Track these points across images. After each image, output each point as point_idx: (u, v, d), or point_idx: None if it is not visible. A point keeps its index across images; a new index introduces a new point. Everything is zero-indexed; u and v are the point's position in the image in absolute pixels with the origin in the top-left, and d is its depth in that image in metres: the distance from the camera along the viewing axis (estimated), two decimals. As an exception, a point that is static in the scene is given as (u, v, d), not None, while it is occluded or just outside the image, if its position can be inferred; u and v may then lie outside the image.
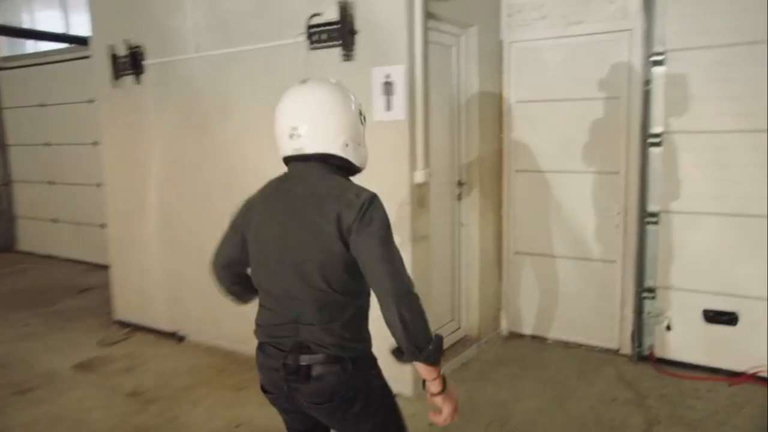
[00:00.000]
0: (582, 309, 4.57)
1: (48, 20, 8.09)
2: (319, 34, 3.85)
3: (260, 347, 1.90)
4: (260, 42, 4.15)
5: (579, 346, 4.58)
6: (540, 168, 4.61)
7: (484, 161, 4.56)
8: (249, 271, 1.96)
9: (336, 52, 3.79)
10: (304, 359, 1.77)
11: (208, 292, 4.58)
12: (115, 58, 4.98)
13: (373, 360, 1.87)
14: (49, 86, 8.01)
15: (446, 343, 4.19)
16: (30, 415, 3.72)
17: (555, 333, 4.71)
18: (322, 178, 1.78)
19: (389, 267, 1.65)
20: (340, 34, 3.74)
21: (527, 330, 4.82)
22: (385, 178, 3.75)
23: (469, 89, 4.43)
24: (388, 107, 3.68)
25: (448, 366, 4.19)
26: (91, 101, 6.54)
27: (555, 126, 4.51)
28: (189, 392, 3.98)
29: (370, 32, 3.69)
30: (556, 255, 4.64)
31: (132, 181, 5.19)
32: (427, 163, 3.79)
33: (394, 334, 1.66)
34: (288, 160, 1.86)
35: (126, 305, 5.44)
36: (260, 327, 1.90)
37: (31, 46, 8.52)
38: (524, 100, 4.65)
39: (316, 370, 1.76)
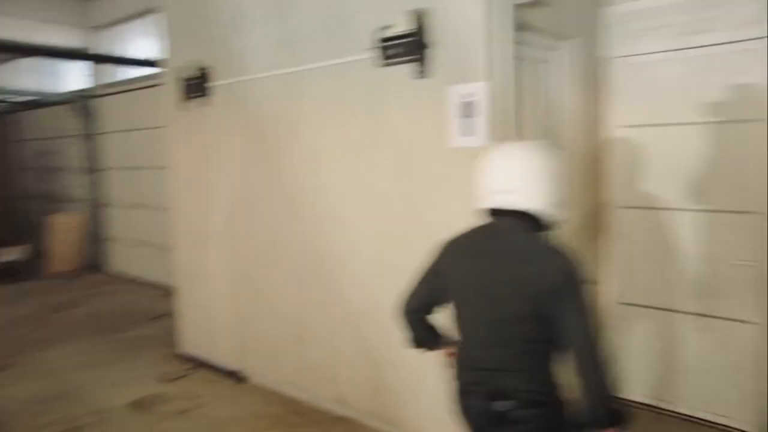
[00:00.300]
0: (708, 377, 3.74)
1: (147, 49, 8.22)
2: (391, 49, 3.40)
3: (462, 392, 2.02)
4: (327, 59, 3.77)
5: (705, 423, 3.74)
6: (651, 204, 3.88)
7: (581, 195, 3.90)
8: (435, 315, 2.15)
9: (408, 69, 3.32)
10: (500, 405, 1.90)
11: (272, 331, 4.09)
12: (185, 80, 4.79)
13: (562, 404, 1.95)
14: (140, 111, 8.15)
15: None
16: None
17: (674, 404, 3.88)
18: (527, 233, 1.92)
19: (588, 332, 1.81)
20: (412, 47, 3.27)
21: (637, 396, 4.02)
22: (460, 214, 3.23)
23: (562, 111, 3.81)
24: (467, 132, 3.15)
25: None
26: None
27: (669, 155, 3.78)
28: (240, 445, 3.59)
29: (448, 45, 3.19)
30: (674, 309, 3.85)
31: (198, 208, 4.96)
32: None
33: (588, 393, 1.83)
34: (491, 211, 1.98)
35: (191, 338, 5.20)
36: (462, 372, 2.02)
37: (126, 73, 8.74)
38: (630, 125, 3.96)
39: (514, 415, 1.89)
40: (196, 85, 4.71)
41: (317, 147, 3.95)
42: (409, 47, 3.29)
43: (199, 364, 4.97)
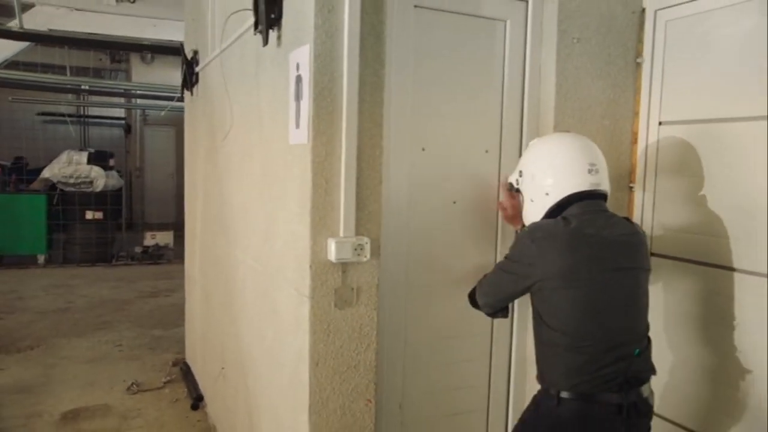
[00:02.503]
0: None
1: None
2: (258, 12, 2.45)
3: (582, 398, 1.75)
4: (238, 31, 2.94)
5: None
6: (704, 257, 2.28)
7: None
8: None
9: (267, 36, 2.35)
10: (645, 390, 1.82)
11: (211, 358, 3.63)
12: (185, 66, 4.35)
13: None
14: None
15: None
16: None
17: None
18: (617, 216, 1.89)
19: None
20: (260, 3, 2.30)
21: None
22: (288, 246, 2.20)
23: (542, 101, 2.42)
24: (297, 122, 2.09)
25: None
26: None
27: (736, 167, 2.16)
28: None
29: (296, -4, 2.16)
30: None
31: (191, 209, 4.51)
32: (365, 228, 2.06)
33: None
34: (582, 195, 1.83)
35: (189, 347, 4.79)
36: (587, 376, 1.75)
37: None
38: (677, 121, 2.38)
39: (651, 399, 1.85)
40: (190, 71, 4.24)
41: (232, 145, 3.16)
42: (262, 3, 2.32)
43: (185, 377, 4.52)
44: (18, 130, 13.85)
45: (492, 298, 1.97)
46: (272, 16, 2.25)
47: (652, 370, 1.87)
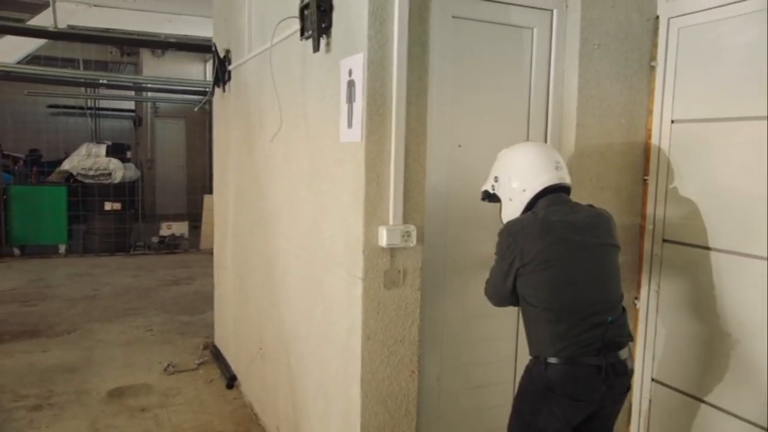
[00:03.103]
0: None
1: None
2: (306, 19, 2.69)
3: (567, 362, 2.00)
4: (280, 36, 3.17)
5: None
6: (708, 242, 2.53)
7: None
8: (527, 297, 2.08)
9: (319, 43, 2.58)
10: (623, 354, 2.06)
11: (249, 340, 3.90)
12: (217, 64, 4.58)
13: None
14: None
15: None
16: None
17: None
18: (579, 204, 2.18)
19: None
20: (314, 13, 2.53)
21: None
22: (339, 234, 2.44)
23: (565, 102, 2.66)
24: (350, 122, 2.33)
25: None
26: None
27: (744, 167, 2.41)
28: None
29: (346, 5, 2.39)
30: (724, 408, 2.49)
31: (222, 199, 4.75)
32: (411, 217, 2.31)
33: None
34: (549, 189, 2.11)
35: (219, 332, 5.05)
36: (569, 342, 2.00)
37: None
38: (687, 119, 2.63)
39: (629, 362, 2.09)
40: (222, 69, 4.47)
41: (275, 143, 3.40)
42: (313, 14, 2.55)
43: (216, 359, 4.79)
44: (29, 123, 14.08)
45: (491, 292, 2.22)
46: (323, 25, 2.48)
47: (629, 336, 2.12)
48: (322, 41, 2.52)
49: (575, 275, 2.02)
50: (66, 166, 8.85)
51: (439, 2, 2.34)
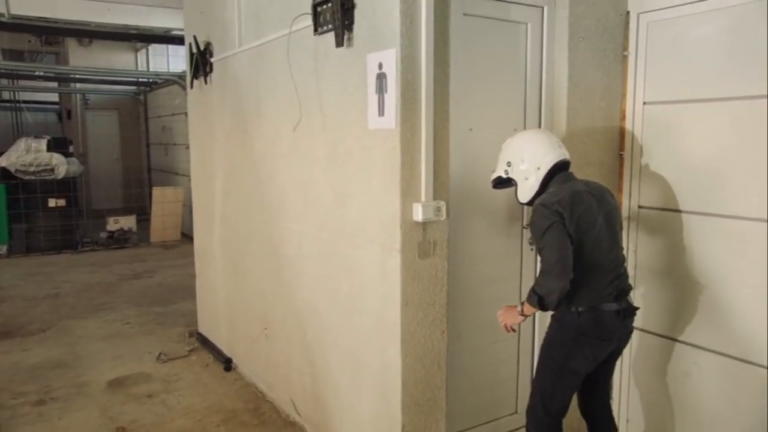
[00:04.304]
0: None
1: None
2: (321, 15, 2.90)
3: (594, 310, 2.40)
4: (279, 31, 3.35)
5: None
6: (678, 206, 2.98)
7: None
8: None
9: (334, 37, 2.81)
10: (630, 299, 2.51)
11: (249, 322, 4.10)
12: (191, 56, 4.66)
13: None
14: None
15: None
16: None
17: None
18: (583, 179, 2.58)
19: None
20: (334, 10, 2.75)
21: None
22: (370, 212, 2.69)
23: (556, 88, 3.02)
24: (381, 111, 2.58)
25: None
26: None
27: (706, 141, 2.86)
28: (169, 443, 3.41)
29: (370, 4, 2.63)
30: (695, 344, 2.96)
31: (207, 188, 4.85)
32: (440, 194, 2.60)
33: None
34: (557, 166, 2.46)
35: (203, 318, 5.16)
36: (594, 293, 2.39)
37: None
38: (656, 101, 3.05)
39: (633, 303, 2.54)
40: (200, 61, 4.55)
41: (273, 130, 3.59)
42: (332, 10, 2.77)
43: (205, 345, 4.91)
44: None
45: (559, 266, 2.27)
46: (346, 22, 2.71)
47: (630, 285, 2.56)
48: (345, 37, 2.74)
49: (600, 237, 2.38)
50: (3, 162, 8.47)
51: (455, 1, 2.63)
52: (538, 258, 2.44)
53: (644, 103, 3.11)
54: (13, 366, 4.54)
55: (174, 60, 11.80)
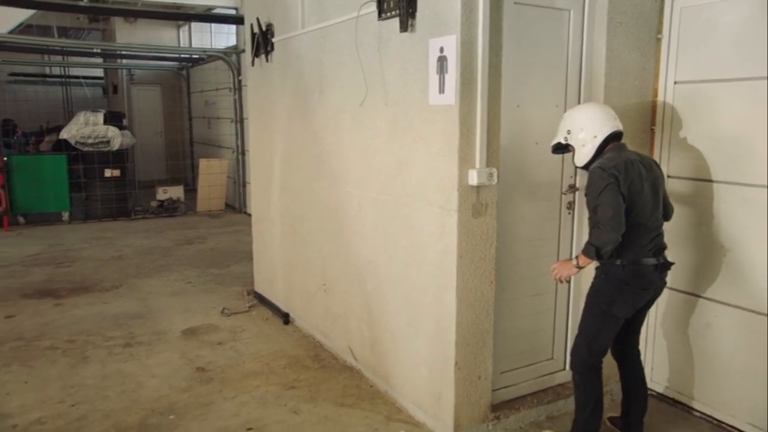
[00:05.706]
0: (740, 379, 3.21)
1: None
2: (387, 2, 3.28)
3: (636, 263, 2.79)
4: (345, 15, 3.74)
5: (734, 429, 3.24)
6: (705, 176, 3.31)
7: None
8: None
9: (399, 23, 3.18)
10: (666, 255, 2.92)
11: (308, 279, 4.61)
12: (253, 36, 5.07)
13: None
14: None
15: (539, 387, 3.58)
16: (113, 368, 4.07)
17: (701, 402, 3.41)
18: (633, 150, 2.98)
19: None
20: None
21: (658, 387, 3.59)
22: (429, 177, 3.09)
23: (595, 69, 3.36)
24: (441, 89, 2.96)
25: (527, 415, 3.36)
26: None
27: (731, 117, 3.18)
28: (243, 381, 3.89)
29: (431, -5, 3.00)
30: (711, 298, 3.32)
31: (265, 158, 5.29)
32: (491, 161, 2.98)
33: None
34: (612, 136, 2.83)
35: (260, 278, 5.65)
36: (637, 249, 2.79)
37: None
38: (686, 81, 3.37)
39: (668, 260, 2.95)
40: (261, 41, 4.96)
41: (336, 105, 3.99)
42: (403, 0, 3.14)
43: (262, 303, 5.40)
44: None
45: (613, 222, 2.62)
46: (410, 10, 3.08)
47: (666, 243, 2.94)
48: (409, 23, 3.12)
49: (646, 200, 2.76)
50: (64, 134, 9.05)
51: (507, -8, 2.98)
52: (586, 216, 2.84)
53: (675, 83, 3.43)
54: (98, 315, 5.10)
55: (217, 36, 12.25)
